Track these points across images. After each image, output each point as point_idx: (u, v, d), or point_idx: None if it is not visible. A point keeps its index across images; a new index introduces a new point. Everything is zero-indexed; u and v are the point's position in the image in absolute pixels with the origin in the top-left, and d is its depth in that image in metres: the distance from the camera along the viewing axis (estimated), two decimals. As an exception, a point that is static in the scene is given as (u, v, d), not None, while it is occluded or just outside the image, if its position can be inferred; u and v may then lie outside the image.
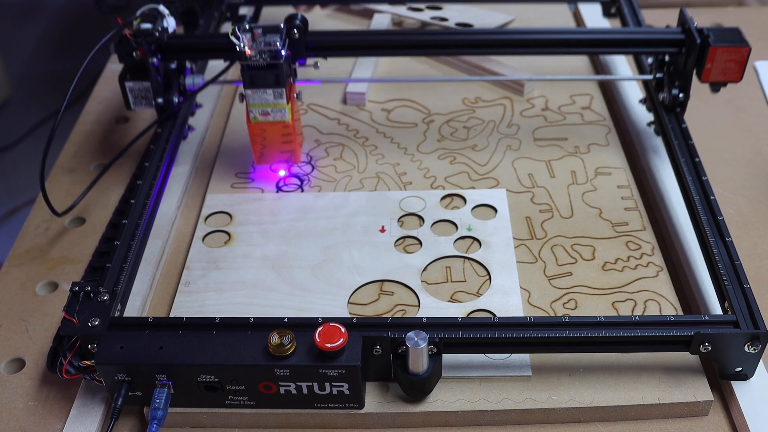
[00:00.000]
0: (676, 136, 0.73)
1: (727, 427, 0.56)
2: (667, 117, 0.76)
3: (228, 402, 0.56)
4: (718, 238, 0.62)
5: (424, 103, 0.90)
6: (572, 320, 0.56)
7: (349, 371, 0.53)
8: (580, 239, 0.71)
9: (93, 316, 0.57)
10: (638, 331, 0.55)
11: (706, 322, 0.56)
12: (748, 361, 0.56)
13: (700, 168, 0.69)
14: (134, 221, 0.66)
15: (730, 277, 0.59)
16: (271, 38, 0.71)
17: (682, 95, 0.75)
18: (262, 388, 0.54)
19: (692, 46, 0.73)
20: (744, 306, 0.57)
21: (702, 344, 0.55)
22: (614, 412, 0.56)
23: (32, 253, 0.73)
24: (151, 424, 0.53)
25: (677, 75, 0.76)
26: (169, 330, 0.56)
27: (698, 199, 0.66)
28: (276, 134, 0.76)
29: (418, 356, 0.53)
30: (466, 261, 0.69)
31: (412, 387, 0.55)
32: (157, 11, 0.77)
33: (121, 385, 0.54)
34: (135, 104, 0.77)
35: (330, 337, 0.53)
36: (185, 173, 0.80)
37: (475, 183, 0.77)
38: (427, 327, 0.55)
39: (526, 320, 0.56)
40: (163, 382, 0.54)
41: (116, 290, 0.60)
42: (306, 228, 0.73)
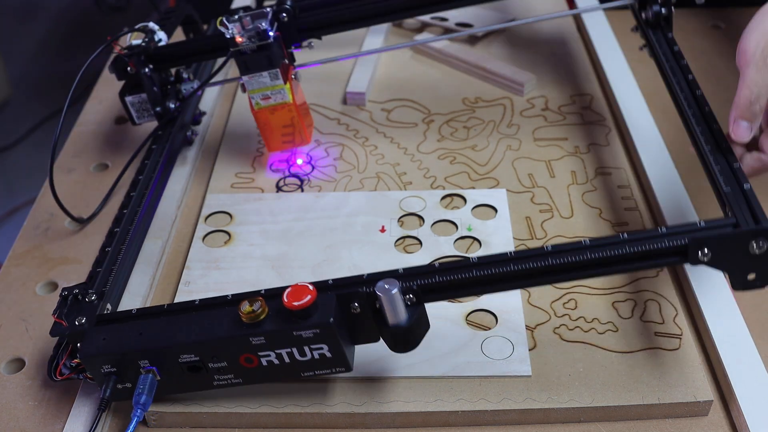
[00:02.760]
0: (662, 46, 0.72)
1: (727, 427, 0.56)
2: (653, 34, 0.75)
3: (216, 382, 0.55)
4: (714, 145, 0.59)
5: (424, 103, 0.90)
6: (555, 248, 0.52)
7: (322, 329, 0.52)
8: (580, 239, 0.70)
9: (80, 316, 0.57)
10: (627, 248, 0.51)
11: (702, 228, 0.51)
12: (760, 265, 0.51)
13: (693, 84, 0.67)
14: (126, 228, 0.66)
15: (728, 180, 0.56)
16: (259, 22, 0.73)
17: (664, 10, 0.75)
18: (243, 361, 0.54)
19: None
20: (745, 207, 0.53)
21: (700, 251, 0.50)
22: (614, 412, 0.56)
23: (32, 253, 0.73)
24: (135, 409, 0.53)
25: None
26: (150, 318, 0.56)
27: (692, 112, 0.64)
28: (281, 117, 0.77)
29: (393, 304, 0.51)
30: (466, 261, 0.69)
31: (396, 339, 0.53)
32: (148, 28, 0.79)
33: (109, 377, 0.54)
34: (138, 118, 0.79)
35: (297, 296, 0.51)
36: (185, 173, 0.80)
37: (475, 183, 0.78)
38: (403, 277, 0.53)
39: (505, 255, 0.53)
40: (147, 368, 0.54)
41: (104, 290, 0.60)
42: (306, 228, 0.73)
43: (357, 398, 0.57)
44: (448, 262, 0.54)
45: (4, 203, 1.84)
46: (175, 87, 0.80)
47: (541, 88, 0.91)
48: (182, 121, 0.81)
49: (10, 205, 1.82)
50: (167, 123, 0.78)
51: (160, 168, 0.73)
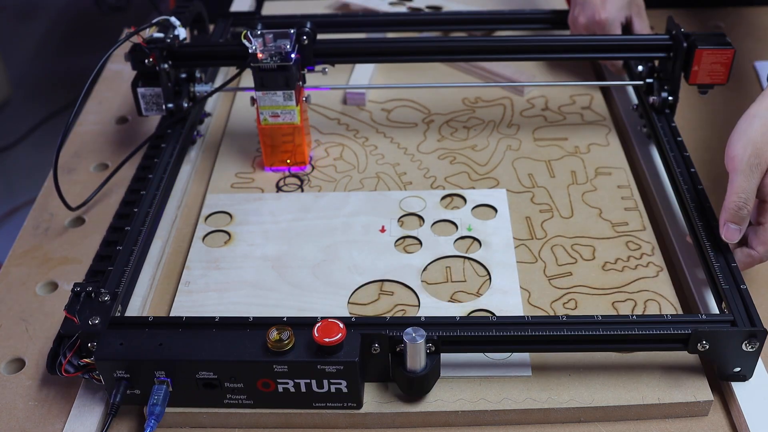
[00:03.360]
0: (671, 147, 0.73)
1: (727, 427, 0.56)
2: (657, 118, 0.77)
3: (226, 401, 0.56)
4: (713, 242, 0.62)
5: (424, 103, 0.90)
6: (570, 319, 0.56)
7: (347, 367, 0.53)
8: (580, 239, 0.71)
9: (93, 315, 0.57)
10: (636, 329, 0.55)
11: (704, 321, 0.56)
12: (746, 361, 0.56)
13: (695, 178, 0.69)
14: (137, 227, 0.67)
15: (726, 278, 0.59)
16: (282, 42, 0.74)
17: (671, 98, 0.77)
18: (260, 385, 0.54)
19: (679, 50, 0.75)
20: (741, 306, 0.57)
21: (700, 342, 0.55)
22: (614, 412, 0.56)
23: (32, 253, 0.73)
24: (149, 420, 0.53)
25: (666, 79, 0.78)
26: (168, 329, 0.57)
27: (694, 206, 0.66)
28: (285, 136, 0.77)
29: (416, 352, 0.53)
30: (466, 261, 0.69)
31: (410, 385, 0.55)
32: (169, 22, 0.79)
33: (120, 383, 0.55)
34: (146, 110, 0.79)
35: (328, 332, 0.53)
36: (185, 173, 0.80)
37: (475, 183, 0.77)
38: (426, 326, 0.55)
39: (524, 319, 0.56)
40: (161, 379, 0.54)
41: (117, 291, 0.60)
42: (306, 228, 0.73)
43: (357, 398, 0.57)
44: (470, 317, 0.58)
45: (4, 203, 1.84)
46: (188, 86, 0.80)
47: (541, 88, 0.91)
48: (192, 120, 0.82)
49: (10, 205, 1.82)
50: (177, 122, 0.79)
51: (170, 167, 0.74)
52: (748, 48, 0.97)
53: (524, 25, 0.94)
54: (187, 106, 0.79)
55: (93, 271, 0.63)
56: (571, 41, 0.81)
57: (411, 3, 1.05)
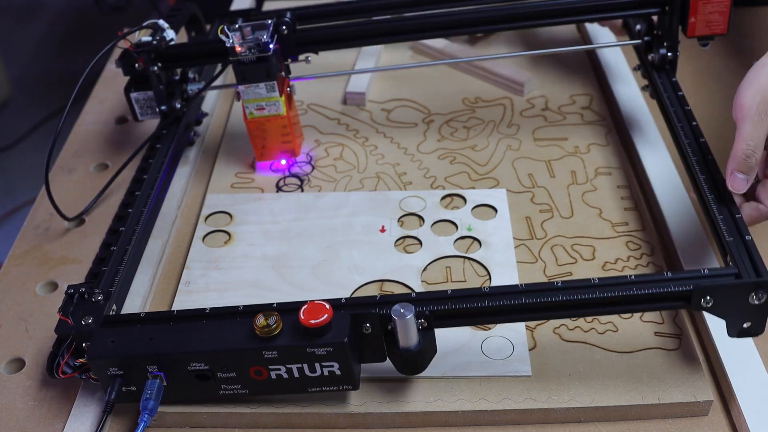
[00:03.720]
0: (666, 90, 0.72)
1: (727, 427, 0.56)
2: (657, 75, 0.75)
3: (222, 392, 0.55)
4: (717, 195, 0.61)
5: (424, 103, 0.90)
6: (565, 284, 0.54)
7: (336, 348, 0.52)
8: (580, 239, 0.71)
9: (86, 316, 0.57)
10: (634, 289, 0.53)
11: (706, 276, 0.54)
12: (755, 315, 0.53)
13: (697, 131, 0.67)
14: (131, 228, 0.66)
15: (730, 230, 0.57)
16: (260, 34, 0.73)
17: (669, 53, 0.75)
18: (252, 373, 0.54)
19: (674, 3, 0.73)
20: (746, 257, 0.55)
21: (703, 298, 0.53)
22: (614, 412, 0.56)
23: (32, 253, 0.73)
24: (142, 414, 0.53)
25: (664, 35, 0.76)
26: (160, 323, 0.57)
27: (696, 159, 0.65)
28: (274, 128, 0.77)
29: (407, 329, 0.52)
30: (466, 261, 0.69)
31: (404, 362, 0.54)
32: (157, 25, 0.79)
33: (114, 380, 0.54)
34: (142, 114, 0.79)
35: (314, 314, 0.52)
36: (185, 173, 0.80)
37: (475, 183, 0.78)
38: (416, 301, 0.54)
39: (516, 288, 0.54)
40: (154, 374, 0.54)
41: (111, 291, 0.60)
42: (306, 228, 0.73)
43: (357, 398, 0.57)
44: (461, 290, 0.55)
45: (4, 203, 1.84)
46: (180, 86, 0.80)
47: (541, 88, 0.91)
48: (187, 120, 0.81)
49: (10, 205, 1.82)
50: (171, 122, 0.78)
51: (165, 167, 0.74)
52: (748, 48, 0.97)
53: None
54: (179, 106, 0.79)
55: (92, 273, 0.63)
56: (561, 4, 0.77)
57: None
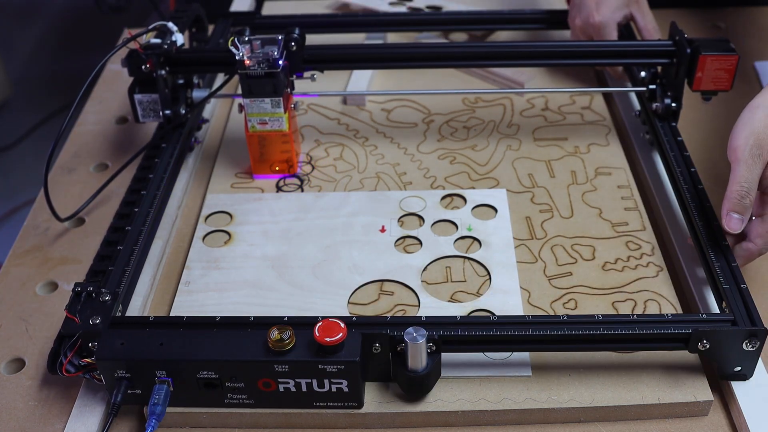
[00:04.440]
0: (671, 147, 0.73)
1: (727, 427, 0.56)
2: (660, 125, 0.76)
3: (227, 401, 0.56)
4: (714, 243, 0.63)
5: (424, 103, 0.90)
6: (571, 319, 0.56)
7: (348, 366, 0.53)
8: (580, 239, 0.71)
9: (94, 315, 0.57)
10: (636, 328, 0.55)
11: (704, 320, 0.56)
12: (746, 360, 0.56)
13: (695, 177, 0.69)
14: (138, 227, 0.67)
15: (727, 278, 0.59)
16: (269, 49, 0.73)
17: (674, 105, 0.76)
18: (261, 385, 0.54)
19: (683, 56, 0.75)
20: (741, 305, 0.57)
21: (700, 342, 0.55)
22: (614, 412, 0.56)
23: (32, 253, 0.73)
24: (149, 419, 0.53)
25: (669, 85, 0.77)
26: (169, 328, 0.57)
27: (694, 206, 0.66)
28: (274, 144, 0.77)
29: (417, 352, 0.53)
30: (466, 261, 0.69)
31: (411, 385, 0.55)
32: (166, 27, 0.78)
33: (121, 382, 0.55)
34: (143, 116, 0.78)
35: (329, 332, 0.53)
36: (185, 173, 0.80)
37: (475, 183, 0.77)
38: (426, 325, 0.55)
39: (524, 318, 0.56)
40: (162, 379, 0.54)
41: (118, 291, 0.60)
42: (306, 228, 0.73)
43: (357, 398, 0.57)
44: (470, 317, 0.58)
45: (4, 203, 1.84)
46: (185, 92, 0.80)
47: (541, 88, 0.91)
48: (191, 126, 0.81)
49: (10, 205, 1.82)
50: (175, 128, 0.78)
51: (170, 168, 0.74)
52: (748, 48, 0.97)
53: (524, 25, 0.95)
54: (184, 112, 0.78)
55: (94, 271, 0.63)
56: (572, 47, 0.80)
57: (411, 3, 1.05)
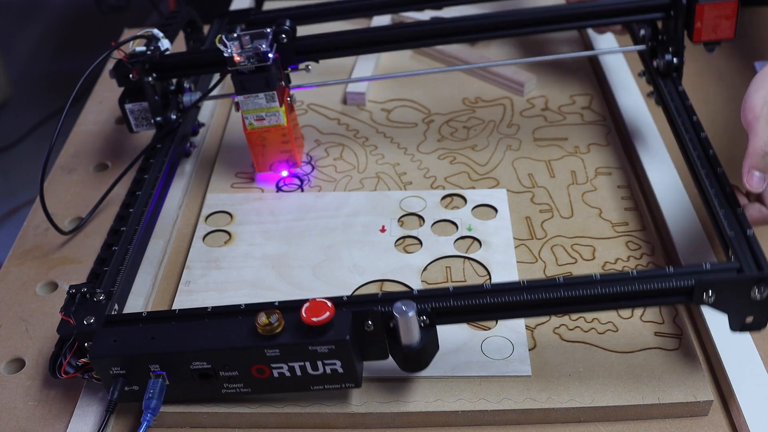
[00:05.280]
0: (673, 99, 0.72)
1: (727, 427, 0.56)
2: (663, 83, 0.75)
3: (224, 390, 0.55)
4: (718, 189, 0.61)
5: (424, 103, 0.90)
6: (567, 280, 0.54)
7: (338, 346, 0.52)
8: (580, 239, 0.71)
9: (88, 315, 0.57)
10: (636, 285, 0.53)
11: (708, 270, 0.53)
12: (758, 310, 0.53)
13: (698, 126, 0.68)
14: (132, 228, 0.66)
15: (731, 225, 0.57)
16: (258, 43, 0.72)
17: (675, 59, 0.74)
18: (255, 372, 0.54)
19: (679, 8, 0.72)
20: (748, 252, 0.55)
21: (705, 293, 0.52)
22: (614, 412, 0.56)
23: (32, 253, 0.73)
24: (145, 413, 0.53)
25: (669, 40, 0.75)
26: (162, 322, 0.57)
27: (696, 154, 0.65)
28: (274, 139, 0.76)
29: (409, 326, 0.52)
30: (467, 261, 0.69)
31: (407, 360, 0.54)
32: (152, 35, 0.78)
33: (117, 379, 0.55)
34: (137, 126, 0.78)
35: (316, 312, 0.52)
36: (186, 173, 0.80)
37: (475, 183, 0.78)
38: (418, 298, 0.54)
39: (518, 284, 0.54)
40: (156, 373, 0.54)
41: (112, 291, 0.60)
42: (306, 228, 0.73)
43: (357, 398, 0.57)
44: (463, 287, 0.55)
45: (4, 203, 1.84)
46: (176, 97, 0.79)
47: (541, 88, 0.91)
48: (183, 132, 0.80)
49: (10, 205, 1.82)
50: (167, 134, 0.77)
51: (166, 167, 0.74)
52: (748, 48, 0.97)
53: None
54: (175, 118, 0.78)
55: (93, 273, 0.63)
56: (562, 10, 0.76)
57: None
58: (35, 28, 2.48)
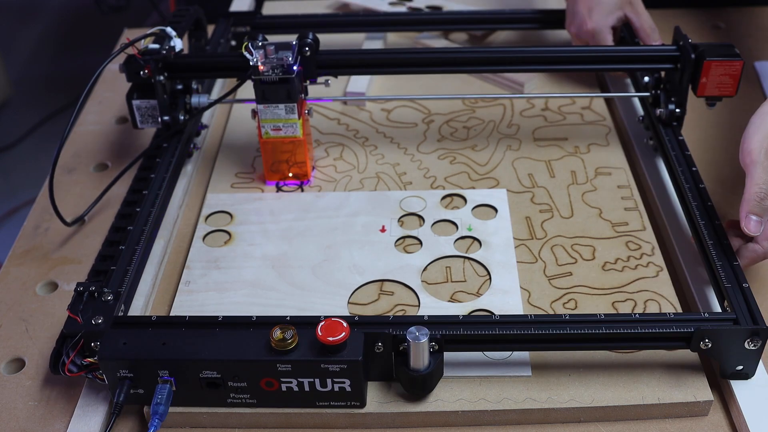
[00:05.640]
0: (674, 148, 0.73)
1: (727, 427, 0.56)
2: (664, 131, 0.76)
3: (230, 400, 0.56)
4: (716, 241, 0.62)
5: (424, 103, 0.90)
6: (573, 318, 0.56)
7: (350, 366, 0.53)
8: (580, 239, 0.71)
9: (97, 315, 0.57)
10: (638, 328, 0.55)
11: (706, 319, 0.56)
12: (748, 359, 0.56)
13: (697, 177, 0.69)
14: (140, 227, 0.66)
15: (728, 277, 0.59)
16: (284, 54, 0.72)
17: (678, 110, 0.76)
18: (263, 385, 0.54)
19: (687, 62, 0.74)
20: (743, 304, 0.57)
21: (702, 341, 0.55)
22: (614, 412, 0.56)
23: (32, 253, 0.73)
24: (152, 419, 0.53)
25: (673, 91, 0.77)
26: (172, 328, 0.57)
27: (696, 205, 0.66)
28: (288, 151, 0.76)
29: (419, 351, 0.53)
30: (466, 261, 0.69)
31: (413, 384, 0.55)
32: (165, 33, 0.78)
33: (123, 382, 0.55)
34: (141, 122, 0.77)
35: (332, 331, 0.53)
36: (186, 173, 0.80)
37: (475, 183, 0.78)
38: (428, 324, 0.55)
39: (526, 318, 0.56)
40: (165, 379, 0.54)
41: (120, 291, 0.60)
42: (306, 228, 0.73)
43: (357, 398, 0.57)
44: (473, 316, 0.58)
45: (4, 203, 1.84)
46: (184, 97, 0.79)
47: (541, 88, 0.91)
48: (190, 133, 0.81)
49: (10, 205, 1.82)
50: (174, 134, 0.77)
51: (171, 167, 0.74)
52: (748, 48, 0.97)
53: (523, 25, 0.94)
54: (183, 118, 0.78)
55: (96, 270, 0.63)
56: (573, 52, 0.79)
57: (411, 3, 1.05)
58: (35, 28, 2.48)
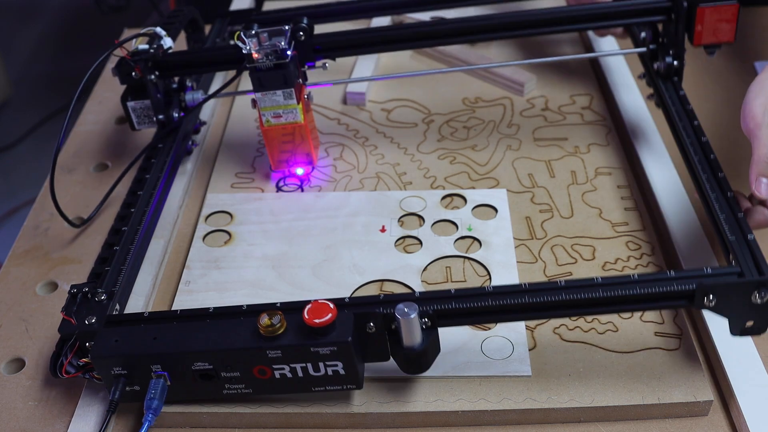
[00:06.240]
0: (674, 102, 0.72)
1: (727, 427, 0.56)
2: (664, 85, 0.75)
3: (225, 391, 0.55)
4: (719, 193, 0.61)
5: (424, 103, 0.90)
6: (569, 283, 0.54)
7: (340, 348, 0.52)
8: (580, 239, 0.71)
9: (90, 315, 0.57)
10: (638, 288, 0.53)
11: (709, 275, 0.54)
12: (759, 314, 0.53)
13: (699, 130, 0.68)
14: (134, 227, 0.66)
15: (732, 229, 0.58)
16: (277, 40, 0.72)
17: (676, 62, 0.74)
18: (256, 372, 0.54)
19: (680, 11, 0.72)
20: (749, 256, 0.55)
21: (706, 296, 0.53)
22: (614, 412, 0.56)
23: (32, 253, 0.73)
24: (146, 414, 0.53)
25: (670, 43, 0.75)
26: (163, 322, 0.57)
27: (698, 158, 0.65)
28: (291, 137, 0.76)
29: (410, 328, 0.52)
30: (467, 261, 0.69)
31: (408, 362, 0.54)
32: (155, 33, 0.77)
33: (118, 379, 0.55)
34: (139, 124, 0.77)
35: (318, 313, 0.52)
36: (186, 172, 0.80)
37: (475, 183, 0.78)
38: (420, 300, 0.54)
39: (520, 287, 0.55)
40: (158, 373, 0.54)
41: (114, 290, 0.60)
42: (306, 228, 0.73)
43: (357, 398, 0.57)
44: (464, 289, 0.56)
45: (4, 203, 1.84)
46: (178, 95, 0.79)
47: (541, 88, 0.91)
48: (185, 130, 0.80)
49: (10, 205, 1.82)
50: (169, 133, 0.77)
51: (167, 167, 0.73)
52: (748, 48, 0.97)
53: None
54: (178, 116, 0.77)
55: (95, 273, 0.63)
56: (563, 12, 0.76)
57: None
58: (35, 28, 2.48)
